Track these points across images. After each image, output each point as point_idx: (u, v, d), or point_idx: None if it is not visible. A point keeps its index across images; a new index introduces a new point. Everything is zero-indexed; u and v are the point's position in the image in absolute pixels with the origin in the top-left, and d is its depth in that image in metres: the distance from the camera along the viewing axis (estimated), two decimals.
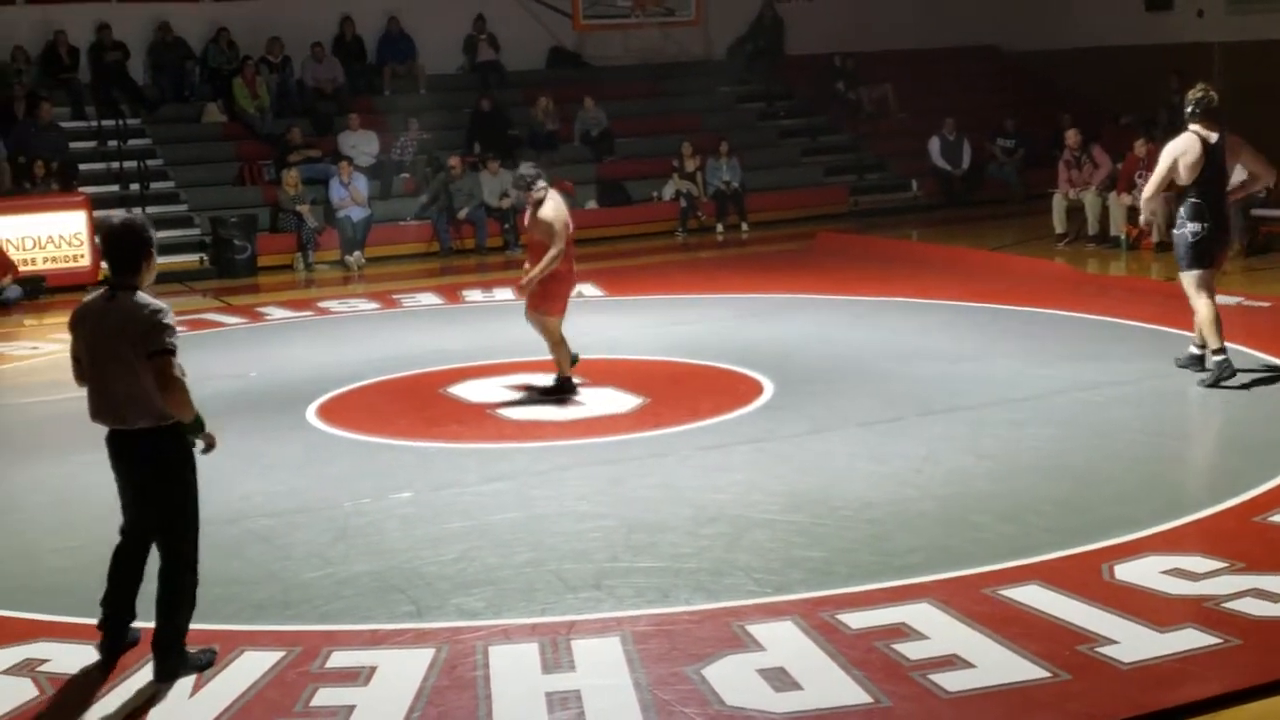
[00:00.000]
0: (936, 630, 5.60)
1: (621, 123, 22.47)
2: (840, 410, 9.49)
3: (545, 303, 9.95)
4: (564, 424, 9.50)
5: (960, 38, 25.02)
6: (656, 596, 6.17)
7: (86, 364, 5.49)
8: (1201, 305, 9.75)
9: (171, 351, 5.29)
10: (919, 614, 5.76)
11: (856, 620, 5.74)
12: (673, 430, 9.18)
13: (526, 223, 10.10)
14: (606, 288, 15.38)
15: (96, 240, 5.69)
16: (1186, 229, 9.72)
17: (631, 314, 13.79)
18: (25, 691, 5.43)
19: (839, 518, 7.15)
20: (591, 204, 20.93)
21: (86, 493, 8.12)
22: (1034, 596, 5.90)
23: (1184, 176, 9.69)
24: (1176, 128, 10.23)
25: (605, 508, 7.55)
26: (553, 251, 9.69)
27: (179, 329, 5.48)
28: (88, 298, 5.70)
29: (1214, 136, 9.69)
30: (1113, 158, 17.73)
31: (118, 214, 5.75)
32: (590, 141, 21.90)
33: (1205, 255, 9.74)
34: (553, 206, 9.79)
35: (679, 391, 10.34)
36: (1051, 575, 6.13)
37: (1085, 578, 6.10)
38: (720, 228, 20.58)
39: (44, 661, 5.70)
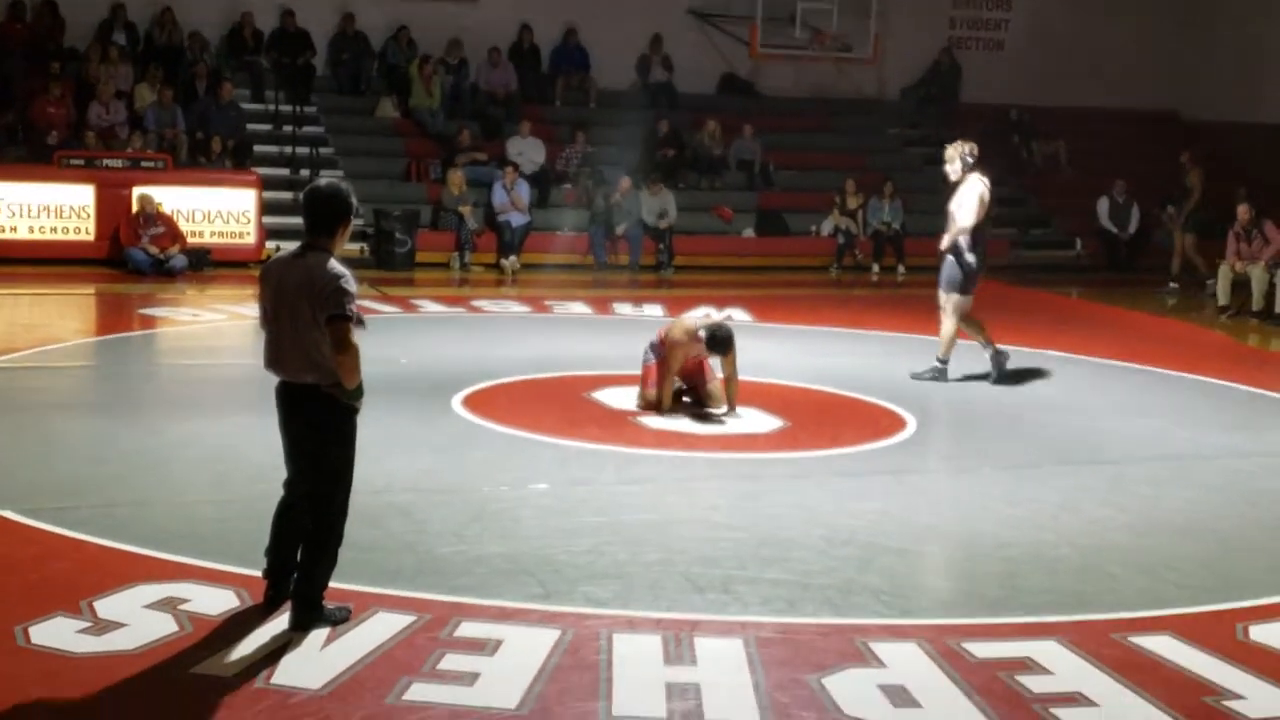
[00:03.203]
0: (1062, 668, 5.55)
1: (786, 154, 22.52)
2: (982, 452, 9.42)
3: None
4: (704, 437, 9.56)
5: (1140, 101, 24.61)
6: (783, 606, 6.19)
7: (269, 316, 5.69)
8: (951, 325, 11.58)
9: (349, 318, 5.46)
10: (1046, 651, 5.71)
11: (982, 650, 5.71)
12: (812, 454, 9.20)
13: (682, 360, 10.03)
14: (756, 313, 15.42)
15: (299, 200, 5.93)
16: (966, 259, 11.40)
17: (779, 341, 13.80)
18: (166, 625, 5.63)
19: (972, 553, 7.11)
20: (749, 232, 21.01)
21: (239, 452, 8.41)
22: (1164, 646, 5.82)
23: (978, 215, 11.32)
24: None
25: (738, 519, 7.59)
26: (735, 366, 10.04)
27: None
28: (280, 253, 5.89)
29: (987, 183, 11.37)
30: None
31: (326, 179, 5.96)
32: (743, 168, 21.99)
33: (973, 284, 11.53)
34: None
35: (821, 418, 10.34)
36: (1184, 629, 6.04)
37: (1219, 635, 6.00)
38: (876, 268, 20.49)
39: (185, 601, 5.90)
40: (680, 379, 10.18)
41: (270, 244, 17.59)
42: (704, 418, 10.00)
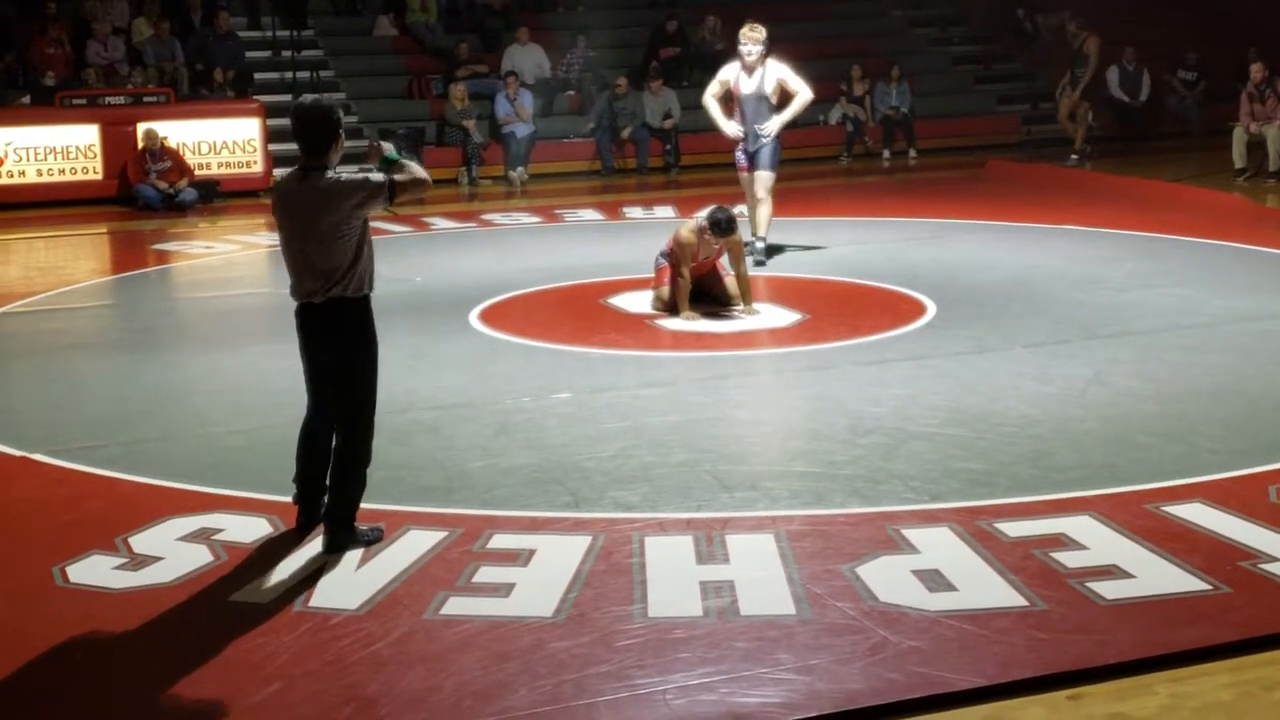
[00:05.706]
0: (1096, 541, 5.55)
1: (790, 45, 22.16)
2: (1005, 332, 9.36)
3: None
4: (723, 335, 9.53)
5: None
6: (811, 499, 6.19)
7: (282, 241, 5.68)
8: (770, 204, 11.95)
9: (388, 183, 5.59)
10: (1079, 526, 5.71)
11: (1014, 529, 5.70)
12: (832, 345, 9.16)
13: (702, 257, 9.93)
14: None
15: (288, 121, 5.99)
16: (776, 140, 11.89)
17: (793, 233, 13.68)
18: (202, 556, 5.66)
19: (1000, 433, 7.08)
20: None
21: (261, 380, 8.43)
22: (1198, 514, 5.81)
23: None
24: None
25: (762, 415, 7.59)
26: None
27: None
28: (279, 179, 5.86)
29: None
30: None
31: (309, 97, 5.91)
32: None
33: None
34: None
35: (840, 309, 10.30)
36: (1217, 494, 6.03)
37: (1252, 498, 5.98)
38: (887, 153, 20.31)
39: (219, 531, 5.92)
40: (695, 282, 10.12)
41: (278, 171, 17.49)
42: (721, 316, 9.96)
